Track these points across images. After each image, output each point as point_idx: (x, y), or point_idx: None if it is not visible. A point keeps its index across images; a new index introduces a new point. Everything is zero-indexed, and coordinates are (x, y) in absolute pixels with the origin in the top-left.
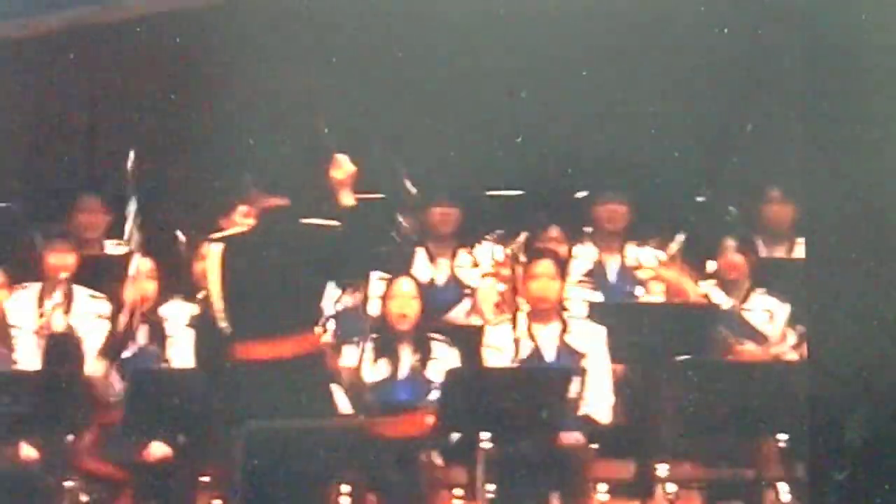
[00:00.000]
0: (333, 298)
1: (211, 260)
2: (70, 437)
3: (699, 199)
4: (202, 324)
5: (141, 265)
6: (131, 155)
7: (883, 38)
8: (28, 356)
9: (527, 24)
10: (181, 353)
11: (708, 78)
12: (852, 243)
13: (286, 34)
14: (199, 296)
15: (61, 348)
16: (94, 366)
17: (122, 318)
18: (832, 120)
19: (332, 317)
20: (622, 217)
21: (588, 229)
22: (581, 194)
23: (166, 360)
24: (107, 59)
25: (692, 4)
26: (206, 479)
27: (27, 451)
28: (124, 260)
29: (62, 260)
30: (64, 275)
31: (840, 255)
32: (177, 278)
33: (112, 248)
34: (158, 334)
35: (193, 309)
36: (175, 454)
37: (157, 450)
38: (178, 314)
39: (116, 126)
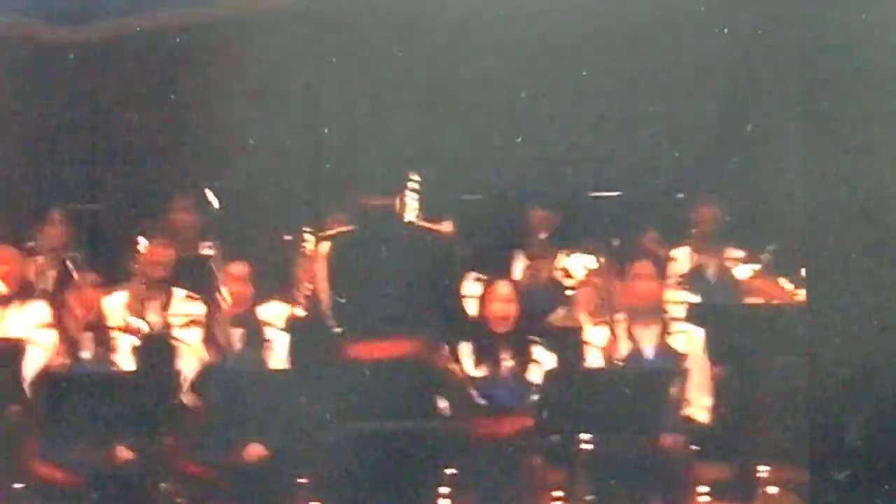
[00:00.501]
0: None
1: (319, 259)
2: (166, 439)
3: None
4: (303, 324)
5: (234, 268)
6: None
7: (883, 37)
8: (125, 357)
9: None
10: (278, 354)
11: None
12: (852, 243)
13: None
14: (303, 295)
15: (158, 349)
16: (189, 367)
17: (217, 320)
18: (832, 120)
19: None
20: (719, 220)
21: (688, 231)
22: (679, 196)
23: (263, 362)
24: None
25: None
26: (303, 480)
27: (123, 453)
28: (219, 261)
29: (159, 260)
30: (161, 276)
31: (840, 255)
32: (275, 279)
33: (206, 249)
34: (255, 336)
35: (292, 310)
36: (272, 456)
37: (253, 451)
38: (276, 315)
39: (218, 124)
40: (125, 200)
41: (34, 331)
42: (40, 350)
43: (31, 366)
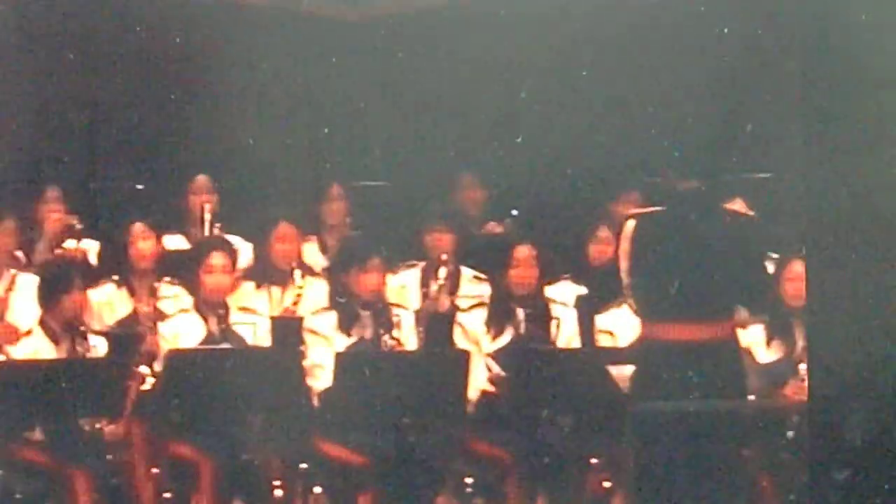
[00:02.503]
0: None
1: (624, 237)
2: (454, 419)
3: None
4: (594, 303)
5: (520, 251)
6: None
7: (883, 38)
8: (408, 335)
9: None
10: (567, 333)
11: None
12: (852, 243)
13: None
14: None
15: (441, 329)
16: (469, 346)
17: (503, 301)
18: (832, 120)
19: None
20: None
21: None
22: None
23: (551, 342)
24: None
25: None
26: (595, 461)
27: (411, 433)
28: (506, 242)
29: (442, 240)
30: (444, 255)
31: (840, 255)
32: (561, 260)
33: (494, 227)
34: (542, 316)
35: (581, 290)
36: (565, 436)
37: (545, 431)
38: (565, 295)
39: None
40: (411, 179)
41: (312, 314)
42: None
43: (313, 347)
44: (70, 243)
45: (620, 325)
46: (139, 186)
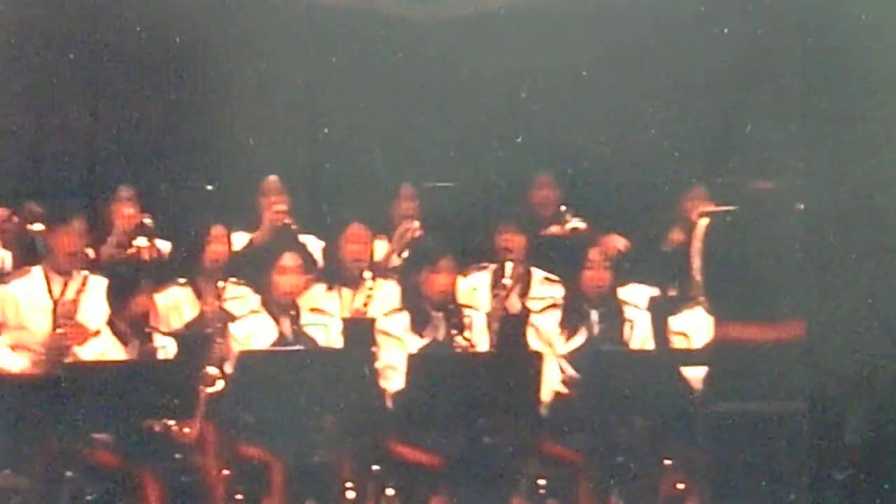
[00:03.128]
0: None
1: (696, 236)
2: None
3: None
4: (670, 304)
5: (593, 253)
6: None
7: (883, 37)
8: (480, 336)
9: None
10: (641, 335)
11: None
12: (852, 243)
13: None
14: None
15: (513, 330)
16: (542, 348)
17: (577, 302)
18: (832, 120)
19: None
20: None
21: None
22: None
23: (624, 344)
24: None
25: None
26: (668, 462)
27: (486, 433)
28: (579, 244)
29: (513, 241)
30: (516, 257)
31: (840, 255)
32: (635, 262)
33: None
34: (615, 318)
35: (653, 291)
36: (638, 438)
37: (619, 434)
38: (638, 296)
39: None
40: (483, 180)
41: (384, 314)
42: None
43: (385, 348)
44: (141, 240)
45: (694, 327)
46: (209, 187)
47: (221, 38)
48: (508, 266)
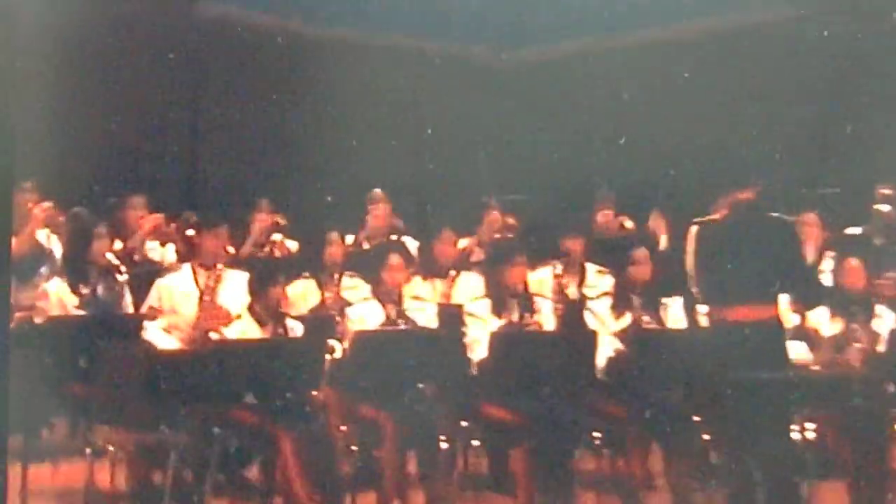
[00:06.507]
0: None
1: (689, 239)
2: (587, 389)
3: None
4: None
5: (638, 252)
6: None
7: None
8: (546, 319)
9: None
10: (674, 317)
11: None
12: None
13: None
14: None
15: (573, 313)
16: (596, 328)
17: (624, 291)
18: None
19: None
20: None
21: None
22: None
23: (662, 324)
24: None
25: None
26: (697, 418)
27: (551, 399)
28: (627, 245)
29: (575, 244)
30: (575, 256)
31: None
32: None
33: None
34: (654, 303)
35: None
36: (673, 399)
37: (662, 397)
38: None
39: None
40: (549, 194)
41: (470, 301)
42: (479, 315)
43: (474, 330)
44: (277, 235)
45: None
46: (329, 198)
47: (367, 90)
48: (568, 262)
